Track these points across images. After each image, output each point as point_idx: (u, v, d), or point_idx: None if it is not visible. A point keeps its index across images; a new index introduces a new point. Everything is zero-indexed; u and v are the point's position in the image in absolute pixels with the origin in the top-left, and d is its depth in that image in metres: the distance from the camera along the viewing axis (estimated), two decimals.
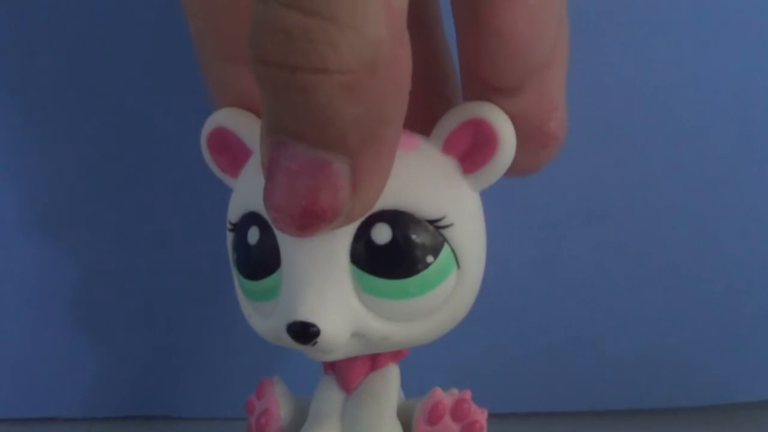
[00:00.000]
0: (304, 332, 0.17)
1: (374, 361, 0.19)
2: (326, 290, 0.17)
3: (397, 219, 0.17)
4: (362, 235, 0.17)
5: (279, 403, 0.20)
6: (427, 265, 0.17)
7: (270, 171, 0.15)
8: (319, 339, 0.17)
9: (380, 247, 0.17)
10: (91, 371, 0.29)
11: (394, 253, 0.17)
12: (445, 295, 0.18)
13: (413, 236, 0.17)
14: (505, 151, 0.18)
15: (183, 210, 0.28)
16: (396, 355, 0.20)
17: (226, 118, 0.19)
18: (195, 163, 0.20)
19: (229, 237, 0.19)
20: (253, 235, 0.18)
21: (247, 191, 0.19)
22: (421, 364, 0.21)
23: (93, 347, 0.29)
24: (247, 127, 0.19)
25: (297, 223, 0.15)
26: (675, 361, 0.29)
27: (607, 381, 0.29)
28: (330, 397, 0.19)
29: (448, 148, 0.18)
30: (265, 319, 0.18)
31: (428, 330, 0.18)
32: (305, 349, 0.17)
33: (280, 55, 0.14)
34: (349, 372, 0.19)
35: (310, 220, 0.15)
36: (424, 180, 0.18)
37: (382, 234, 0.17)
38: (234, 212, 0.19)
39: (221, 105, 0.20)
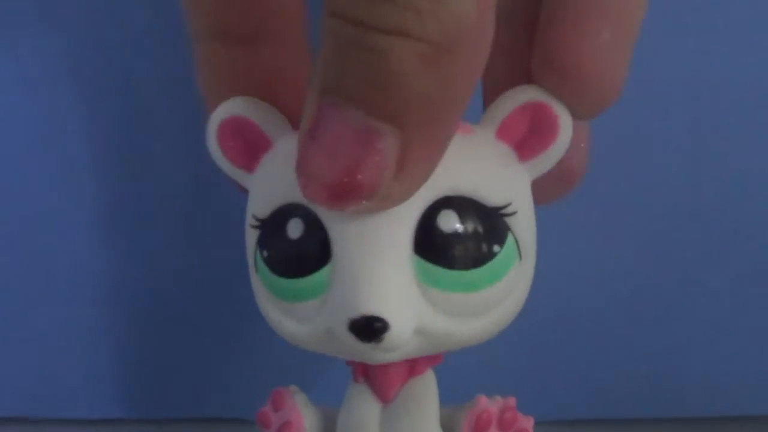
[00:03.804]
0: (369, 328, 0.15)
1: (412, 367, 0.18)
2: (390, 282, 0.15)
3: (464, 206, 0.16)
4: (427, 222, 0.16)
5: (302, 413, 0.19)
6: (493, 255, 0.16)
7: (312, 132, 0.14)
8: (387, 335, 0.15)
9: (446, 236, 0.16)
10: (92, 372, 0.29)
11: (461, 242, 0.16)
12: (509, 288, 0.17)
13: (481, 224, 0.16)
14: (564, 138, 0.17)
15: (183, 213, 0.28)
16: (433, 360, 0.18)
17: (242, 107, 0.18)
18: (192, 163, 0.19)
19: (253, 234, 0.17)
20: (295, 228, 0.16)
21: (281, 182, 0.17)
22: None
23: (93, 348, 0.29)
24: (266, 117, 0.18)
25: (328, 193, 0.14)
26: (680, 371, 0.29)
27: (616, 389, 0.29)
28: (365, 407, 0.18)
29: (503, 133, 0.17)
30: (305, 323, 0.17)
31: (488, 327, 0.17)
32: (364, 349, 0.16)
33: (360, 10, 0.13)
34: (386, 379, 0.18)
35: (344, 193, 0.14)
36: (486, 165, 0.17)
37: (448, 221, 0.16)
38: (262, 206, 0.17)
39: (207, 88, 0.19)
